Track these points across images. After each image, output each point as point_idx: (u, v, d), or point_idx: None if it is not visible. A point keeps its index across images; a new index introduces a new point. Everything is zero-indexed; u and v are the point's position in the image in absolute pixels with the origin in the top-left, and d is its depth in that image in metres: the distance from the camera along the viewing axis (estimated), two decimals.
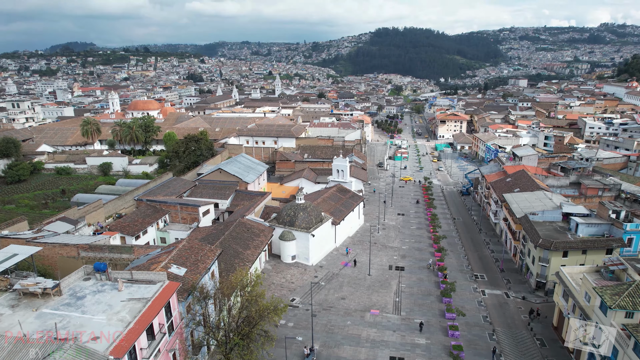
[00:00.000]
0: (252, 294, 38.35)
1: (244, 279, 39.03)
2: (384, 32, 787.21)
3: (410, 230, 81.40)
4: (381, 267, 65.34)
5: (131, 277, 36.53)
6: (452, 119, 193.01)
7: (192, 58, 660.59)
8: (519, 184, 77.21)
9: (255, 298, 38.68)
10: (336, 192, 79.00)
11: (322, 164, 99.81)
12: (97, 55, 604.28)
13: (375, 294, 57.03)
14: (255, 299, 38.58)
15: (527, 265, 61.00)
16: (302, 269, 63.33)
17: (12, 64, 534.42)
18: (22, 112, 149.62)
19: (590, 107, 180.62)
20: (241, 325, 37.84)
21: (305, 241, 64.02)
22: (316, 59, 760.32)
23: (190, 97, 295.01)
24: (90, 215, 60.40)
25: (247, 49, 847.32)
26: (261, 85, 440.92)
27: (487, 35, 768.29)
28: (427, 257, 68.35)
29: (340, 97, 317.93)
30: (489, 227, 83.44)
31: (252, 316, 38.00)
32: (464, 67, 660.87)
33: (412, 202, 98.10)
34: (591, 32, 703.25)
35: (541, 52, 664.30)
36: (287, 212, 66.13)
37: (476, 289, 58.77)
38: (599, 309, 39.08)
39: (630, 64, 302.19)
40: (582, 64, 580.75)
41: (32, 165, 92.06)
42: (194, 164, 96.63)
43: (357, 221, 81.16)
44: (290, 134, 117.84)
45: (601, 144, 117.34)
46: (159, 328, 33.19)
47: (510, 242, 69.77)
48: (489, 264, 67.25)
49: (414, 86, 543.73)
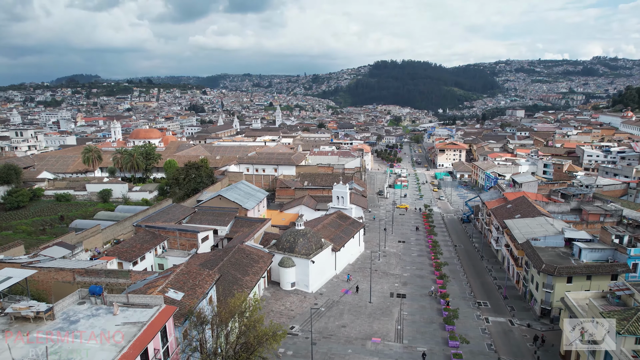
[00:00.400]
0: (250, 319, 37.41)
1: (242, 304, 38.14)
2: (382, 64, 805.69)
3: (412, 257, 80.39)
4: (382, 294, 64.10)
5: (127, 301, 35.71)
6: (451, 147, 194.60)
7: (194, 89, 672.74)
8: (519, 210, 76.89)
9: (254, 323, 37.72)
10: (336, 219, 78.54)
11: (322, 191, 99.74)
12: (102, 87, 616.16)
13: (377, 322, 55.66)
14: (254, 325, 37.61)
15: (530, 291, 59.84)
16: (302, 296, 62.07)
17: (18, 95, 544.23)
18: (24, 140, 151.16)
19: (588, 135, 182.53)
20: (239, 351, 36.72)
21: (305, 268, 63.06)
22: (316, 90, 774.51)
23: (192, 126, 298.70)
24: (87, 240, 59.79)
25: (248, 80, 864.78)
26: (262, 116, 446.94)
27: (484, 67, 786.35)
28: (429, 284, 67.20)
29: (340, 127, 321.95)
30: (490, 254, 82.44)
31: (251, 342, 36.92)
32: (461, 99, 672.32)
33: (412, 230, 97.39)
34: (584, 65, 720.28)
35: (537, 83, 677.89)
36: (287, 239, 65.46)
37: (479, 316, 57.42)
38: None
39: (624, 95, 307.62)
40: (577, 95, 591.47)
41: (32, 191, 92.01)
42: (193, 191, 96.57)
43: (358, 248, 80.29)
44: (290, 161, 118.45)
45: (600, 172, 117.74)
46: (154, 353, 32.13)
47: (512, 269, 68.73)
48: (492, 290, 66.01)
49: (412, 117, 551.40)
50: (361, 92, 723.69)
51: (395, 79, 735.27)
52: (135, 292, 38.63)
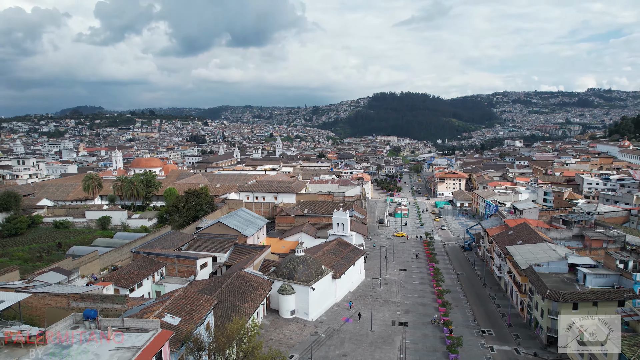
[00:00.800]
0: (249, 346, 36.35)
1: (241, 330, 37.14)
2: (381, 96, 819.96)
3: (413, 285, 79.00)
4: (384, 322, 62.55)
5: (122, 325, 34.77)
6: (450, 176, 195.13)
7: (195, 121, 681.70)
8: (521, 237, 76.19)
9: (252, 350, 36.64)
10: (336, 246, 77.74)
11: (322, 218, 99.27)
12: (105, 118, 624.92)
13: (379, 351, 54.02)
14: (252, 351, 36.52)
15: (535, 319, 58.40)
16: (302, 325, 60.55)
17: (22, 126, 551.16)
18: (26, 169, 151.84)
19: (586, 164, 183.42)
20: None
21: (304, 295, 61.84)
22: (316, 122, 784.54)
23: (193, 156, 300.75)
24: (84, 266, 58.94)
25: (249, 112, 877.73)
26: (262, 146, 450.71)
27: (481, 99, 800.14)
28: (431, 312, 65.70)
29: (339, 157, 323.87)
30: (493, 282, 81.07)
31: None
32: (460, 129, 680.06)
33: (413, 258, 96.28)
34: (580, 97, 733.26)
35: (534, 114, 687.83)
36: (287, 265, 64.55)
37: (484, 344, 55.79)
38: None
39: (620, 125, 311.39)
40: (573, 126, 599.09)
41: (30, 218, 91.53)
42: (193, 218, 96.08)
43: (358, 276, 79.03)
44: (291, 189, 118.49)
45: (600, 199, 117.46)
46: None
47: (516, 296, 67.38)
48: (496, 318, 64.45)
49: (412, 147, 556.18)
50: (361, 124, 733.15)
51: (394, 110, 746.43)
52: (132, 317, 37.72)
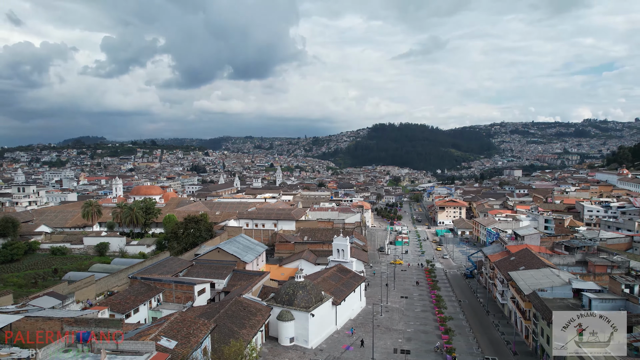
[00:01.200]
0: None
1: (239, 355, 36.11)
2: (380, 127, 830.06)
3: (415, 312, 77.33)
4: (385, 350, 60.81)
5: (116, 348, 33.83)
6: (451, 205, 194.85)
7: (196, 151, 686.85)
8: (523, 262, 75.20)
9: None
10: (336, 272, 76.65)
11: (322, 245, 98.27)
12: (106, 148, 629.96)
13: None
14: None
15: (541, 346, 56.82)
16: (301, 352, 58.82)
17: (25, 156, 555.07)
18: (26, 196, 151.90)
19: (586, 192, 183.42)
20: None
21: (304, 321, 60.39)
22: (316, 152, 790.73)
23: (193, 185, 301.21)
24: (80, 291, 57.91)
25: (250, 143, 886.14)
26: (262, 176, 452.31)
27: (480, 129, 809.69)
28: (434, 339, 63.97)
29: (339, 186, 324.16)
30: (496, 309, 79.38)
31: None
32: (459, 159, 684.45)
33: (414, 285, 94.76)
34: (576, 127, 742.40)
35: (532, 144, 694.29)
36: (286, 291, 63.39)
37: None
38: None
39: (618, 154, 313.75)
40: (571, 155, 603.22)
41: (28, 245, 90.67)
42: (192, 245, 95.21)
43: (359, 303, 77.49)
44: (290, 216, 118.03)
45: (602, 226, 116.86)
46: None
47: (520, 323, 65.83)
48: (501, 346, 62.72)
49: (411, 177, 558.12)
50: (360, 154, 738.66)
51: (393, 141, 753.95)
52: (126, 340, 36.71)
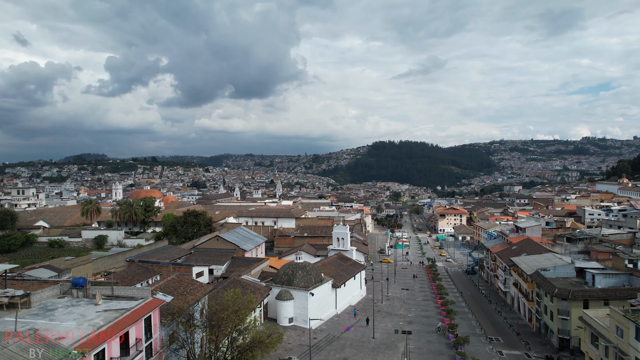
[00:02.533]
0: (242, 314, 34.61)
1: (237, 300, 35.44)
2: (380, 145, 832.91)
3: (416, 301, 76.10)
4: (386, 331, 59.56)
5: (112, 293, 33.22)
6: (451, 212, 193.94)
7: (197, 167, 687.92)
8: (525, 250, 74.46)
9: (248, 324, 34.91)
10: (336, 259, 75.85)
11: (322, 239, 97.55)
12: (107, 164, 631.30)
13: (381, 355, 50.97)
14: (246, 325, 34.77)
15: (545, 324, 55.70)
16: (300, 332, 57.57)
17: (26, 171, 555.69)
18: (25, 198, 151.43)
19: (587, 199, 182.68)
20: (233, 354, 33.53)
21: (303, 301, 59.43)
22: (316, 169, 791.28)
23: (193, 195, 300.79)
24: (77, 268, 57.16)
25: (250, 160, 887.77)
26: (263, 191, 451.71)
27: (479, 147, 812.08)
28: (436, 322, 62.72)
29: (339, 200, 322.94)
30: (498, 299, 78.10)
31: (245, 345, 33.83)
32: (459, 176, 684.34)
33: (415, 278, 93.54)
34: (575, 145, 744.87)
35: (531, 162, 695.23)
36: (285, 272, 62.64)
37: (492, 349, 52.81)
38: (635, 340, 34.72)
39: (618, 167, 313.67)
40: (571, 172, 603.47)
41: (26, 237, 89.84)
42: (190, 239, 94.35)
43: (359, 291, 76.33)
44: (290, 214, 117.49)
45: (603, 225, 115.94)
46: (135, 343, 29.18)
47: (523, 306, 64.71)
48: (503, 328, 61.48)
49: (411, 193, 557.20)
50: (360, 171, 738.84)
51: (393, 158, 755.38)
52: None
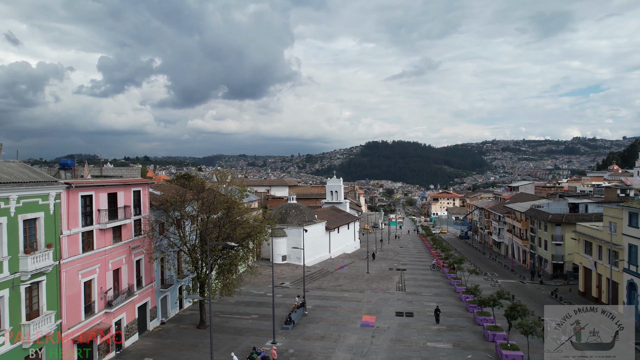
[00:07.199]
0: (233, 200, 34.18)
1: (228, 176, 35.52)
2: (374, 145, 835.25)
3: (410, 253, 76.07)
4: (381, 269, 59.23)
5: (100, 173, 32.40)
6: (445, 196, 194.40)
7: (190, 167, 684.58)
8: (519, 200, 74.58)
9: (240, 212, 34.47)
10: (330, 209, 75.45)
11: (316, 201, 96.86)
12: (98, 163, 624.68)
13: (376, 283, 50.54)
14: (240, 212, 34.33)
15: (539, 257, 55.60)
16: (294, 267, 56.95)
17: None
18: None
19: (578, 182, 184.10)
20: (225, 230, 33.24)
21: (297, 238, 58.72)
22: (310, 169, 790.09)
23: None
24: None
25: (243, 160, 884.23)
26: None
27: (472, 147, 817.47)
28: (429, 264, 62.48)
29: None
30: (493, 253, 78.06)
31: (236, 220, 33.63)
32: (452, 175, 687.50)
33: (410, 242, 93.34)
34: (566, 145, 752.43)
35: (523, 161, 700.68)
36: (279, 211, 62.05)
37: (488, 279, 52.60)
38: (629, 227, 34.62)
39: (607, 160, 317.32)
40: (562, 171, 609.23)
41: None
42: None
43: (353, 242, 76.00)
44: (284, 183, 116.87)
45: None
46: (123, 207, 28.36)
47: (518, 250, 64.70)
48: (498, 267, 61.48)
49: (405, 190, 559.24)
50: (354, 171, 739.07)
51: (386, 158, 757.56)
52: None
